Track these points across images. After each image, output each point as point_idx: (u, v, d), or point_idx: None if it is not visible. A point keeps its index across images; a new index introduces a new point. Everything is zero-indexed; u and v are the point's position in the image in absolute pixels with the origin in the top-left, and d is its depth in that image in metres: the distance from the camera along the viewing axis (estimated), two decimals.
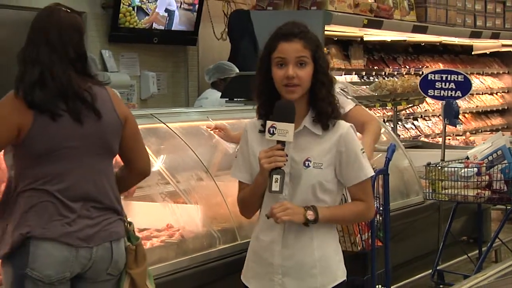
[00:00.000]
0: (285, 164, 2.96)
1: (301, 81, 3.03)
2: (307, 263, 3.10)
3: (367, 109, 5.07)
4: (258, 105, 3.17)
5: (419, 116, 11.43)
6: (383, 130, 7.07)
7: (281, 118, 2.94)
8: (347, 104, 4.74)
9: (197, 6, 9.20)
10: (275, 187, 2.92)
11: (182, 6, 9.08)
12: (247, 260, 3.26)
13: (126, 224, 3.42)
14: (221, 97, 6.93)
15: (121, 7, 8.43)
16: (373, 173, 3.27)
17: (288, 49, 3.05)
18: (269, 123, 2.95)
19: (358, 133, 4.77)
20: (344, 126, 3.14)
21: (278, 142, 2.95)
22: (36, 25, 3.32)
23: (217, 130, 5.07)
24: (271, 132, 2.93)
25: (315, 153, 3.09)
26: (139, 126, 3.57)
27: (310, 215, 3.02)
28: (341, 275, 3.21)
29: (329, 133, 3.11)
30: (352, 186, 3.17)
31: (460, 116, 10.96)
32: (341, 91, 4.86)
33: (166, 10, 8.82)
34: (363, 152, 3.18)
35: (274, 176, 2.92)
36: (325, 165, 3.08)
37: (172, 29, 9.05)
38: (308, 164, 3.07)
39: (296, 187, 3.09)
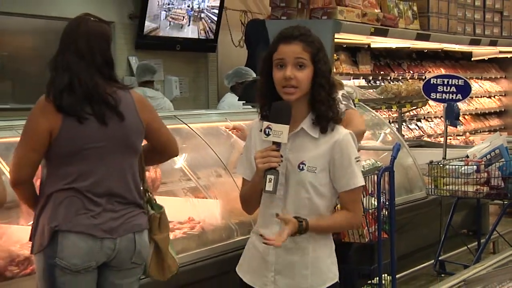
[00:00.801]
0: (279, 165, 2.80)
1: (299, 82, 2.85)
2: (300, 264, 2.94)
3: (359, 114, 4.99)
4: (260, 106, 2.99)
5: (422, 117, 11.39)
6: (388, 130, 7.07)
7: (277, 119, 2.78)
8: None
9: (216, 16, 9.23)
10: (269, 187, 2.77)
11: (203, 16, 9.11)
12: (245, 252, 3.11)
13: (147, 194, 3.49)
14: (238, 100, 6.93)
15: (146, 17, 8.47)
16: (363, 183, 3.05)
17: (287, 50, 2.88)
18: (265, 123, 2.79)
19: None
20: (341, 132, 2.97)
21: (274, 142, 2.80)
22: (66, 34, 3.32)
23: (234, 130, 5.06)
24: (267, 132, 2.77)
25: (310, 157, 2.90)
26: None
27: (301, 231, 2.86)
28: (332, 277, 3.01)
29: (326, 137, 2.93)
30: (342, 193, 2.97)
31: (461, 118, 10.90)
32: (341, 97, 4.87)
33: (189, 20, 8.84)
34: (358, 161, 2.99)
35: (268, 176, 2.77)
36: (319, 169, 2.90)
37: (194, 37, 9.08)
38: (303, 167, 2.89)
39: (290, 189, 2.92)
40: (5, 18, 7.78)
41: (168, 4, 8.64)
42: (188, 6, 8.91)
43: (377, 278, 4.70)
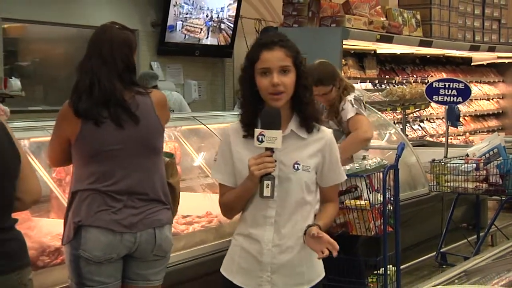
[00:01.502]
0: (274, 170, 2.65)
1: (286, 87, 2.70)
2: (296, 261, 2.78)
3: (368, 120, 4.95)
4: (241, 113, 2.80)
5: (425, 118, 11.35)
6: (393, 130, 7.05)
7: (269, 125, 2.60)
8: (350, 112, 4.78)
9: (233, 24, 9.24)
10: (267, 192, 2.61)
11: (220, 24, 9.12)
12: (231, 254, 2.86)
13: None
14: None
15: (167, 25, 8.50)
16: (345, 178, 3.04)
17: (271, 58, 2.69)
18: (257, 131, 2.61)
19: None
20: (327, 132, 2.85)
21: (267, 148, 2.62)
22: (92, 41, 3.32)
23: None
24: (260, 139, 2.59)
25: (303, 156, 2.77)
26: (183, 127, 3.57)
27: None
28: (322, 270, 2.91)
29: (314, 137, 2.80)
30: (329, 187, 2.88)
31: (461, 119, 10.84)
32: (352, 100, 4.85)
33: (206, 27, 8.86)
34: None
35: (265, 182, 2.60)
36: (312, 168, 2.78)
37: (211, 43, 9.09)
38: (298, 167, 2.74)
39: (286, 189, 2.74)
40: (37, 26, 7.83)
41: (186, 14, 8.65)
42: (207, 16, 8.92)
43: (383, 268, 4.69)
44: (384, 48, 10.29)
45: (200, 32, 8.86)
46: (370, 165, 4.58)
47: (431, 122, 11.52)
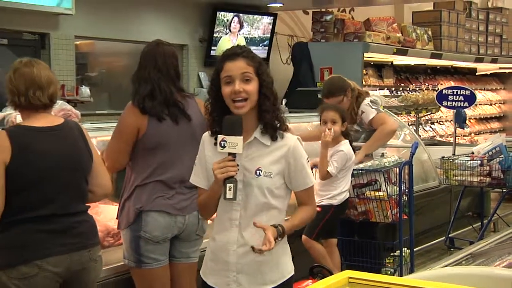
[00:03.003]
0: (236, 173, 2.44)
1: (248, 94, 2.47)
2: (259, 262, 2.54)
3: (391, 116, 4.99)
4: (210, 122, 2.59)
5: (436, 121, 11.24)
6: (407, 131, 6.99)
7: (230, 132, 2.40)
8: (371, 113, 4.79)
9: (269, 39, 9.25)
10: (229, 194, 2.42)
11: (258, 39, 9.14)
12: (205, 258, 2.68)
13: None
14: (285, 105, 6.94)
15: (213, 41, 8.54)
16: (314, 182, 2.72)
17: (233, 67, 2.49)
18: (220, 137, 2.42)
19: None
20: (292, 138, 2.58)
21: (230, 153, 2.43)
22: (147, 54, 3.37)
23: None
24: (222, 145, 2.40)
25: (266, 163, 2.53)
26: None
27: (280, 235, 2.50)
28: (290, 271, 2.64)
29: (278, 144, 2.55)
30: (299, 192, 2.62)
31: (467, 121, 10.73)
32: (369, 103, 4.85)
33: (246, 42, 8.88)
34: (308, 161, 2.63)
35: (228, 185, 2.41)
36: (274, 174, 2.53)
37: None
38: (259, 173, 2.52)
39: (248, 193, 2.53)
40: (103, 43, 7.92)
41: (226, 34, 8.68)
42: (245, 38, 8.93)
43: (399, 251, 4.66)
44: (400, 60, 10.22)
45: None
46: (388, 162, 4.57)
47: (440, 124, 11.41)
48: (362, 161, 4.60)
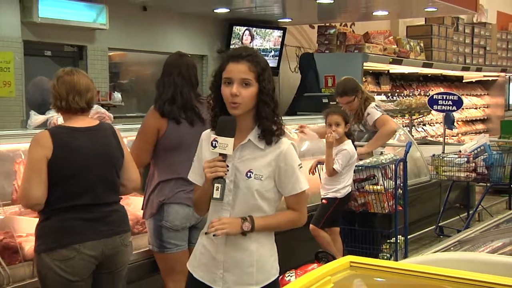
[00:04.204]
0: (226, 174, 2.21)
1: (243, 99, 2.22)
2: (246, 262, 2.30)
3: (391, 118, 5.02)
4: (211, 118, 2.35)
5: (427, 123, 11.21)
6: (402, 132, 6.96)
7: (222, 132, 2.19)
8: (376, 115, 4.80)
9: (279, 50, 9.24)
10: (216, 194, 2.20)
11: (269, 50, 9.13)
12: (195, 250, 2.44)
13: None
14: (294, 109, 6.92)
15: None
16: (307, 187, 2.34)
17: (235, 69, 2.23)
18: (212, 137, 2.23)
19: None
20: (285, 143, 2.31)
21: (220, 154, 2.20)
22: (171, 63, 3.39)
23: (300, 128, 4.88)
24: (214, 145, 2.20)
25: (257, 166, 2.28)
26: None
27: (246, 226, 2.26)
28: (275, 273, 2.37)
29: (271, 148, 2.29)
30: (288, 197, 2.33)
31: (455, 123, 10.69)
32: (375, 106, 4.86)
33: (260, 52, 8.87)
34: (301, 167, 2.33)
35: (215, 185, 2.19)
36: (265, 177, 2.27)
37: None
38: (250, 175, 2.26)
39: (238, 194, 2.28)
40: (132, 53, 7.96)
41: (244, 43, 8.67)
42: (261, 44, 8.93)
43: (394, 238, 4.65)
44: (395, 69, 10.20)
45: None
46: (384, 159, 4.56)
47: (431, 126, 11.37)
48: (362, 158, 4.60)
